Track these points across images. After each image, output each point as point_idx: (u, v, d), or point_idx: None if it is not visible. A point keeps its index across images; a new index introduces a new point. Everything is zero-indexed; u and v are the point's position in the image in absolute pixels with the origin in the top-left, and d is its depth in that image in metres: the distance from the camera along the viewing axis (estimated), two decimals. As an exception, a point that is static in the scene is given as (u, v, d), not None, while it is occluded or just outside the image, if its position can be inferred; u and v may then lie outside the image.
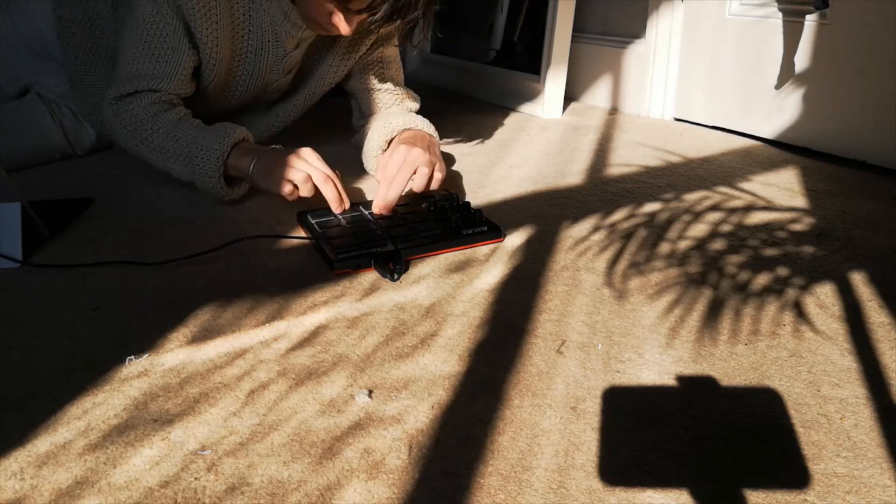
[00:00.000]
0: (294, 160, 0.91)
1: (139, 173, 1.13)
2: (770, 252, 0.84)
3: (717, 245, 0.86)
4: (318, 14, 0.95)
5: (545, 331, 0.66)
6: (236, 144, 0.95)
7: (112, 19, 1.14)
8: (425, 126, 1.07)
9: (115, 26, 1.13)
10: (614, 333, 0.65)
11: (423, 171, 0.92)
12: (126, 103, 0.99)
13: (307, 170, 0.90)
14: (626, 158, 1.28)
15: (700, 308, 0.70)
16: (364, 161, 1.13)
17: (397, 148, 0.92)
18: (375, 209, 0.90)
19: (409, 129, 1.05)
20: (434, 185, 0.94)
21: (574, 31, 1.66)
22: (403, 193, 0.91)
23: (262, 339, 0.64)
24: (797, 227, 0.92)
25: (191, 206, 0.99)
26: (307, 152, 0.92)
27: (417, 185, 0.92)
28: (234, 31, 1.01)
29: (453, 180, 1.14)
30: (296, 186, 0.91)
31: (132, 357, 0.60)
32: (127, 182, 1.10)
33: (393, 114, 1.10)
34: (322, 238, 0.82)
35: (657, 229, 0.91)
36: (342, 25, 0.94)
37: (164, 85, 0.99)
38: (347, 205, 0.92)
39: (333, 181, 0.90)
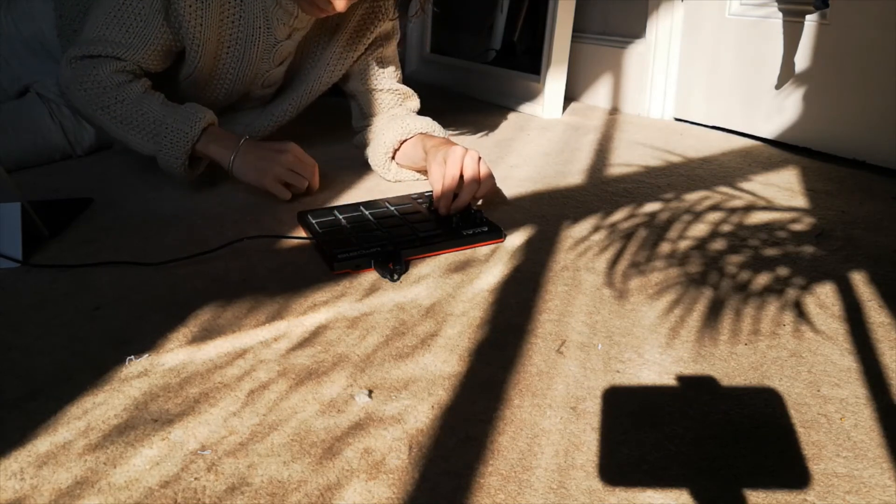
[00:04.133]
0: (287, 160, 0.96)
1: (139, 173, 1.13)
2: (770, 252, 0.84)
3: (718, 245, 0.86)
4: None
5: (545, 331, 0.66)
6: (205, 129, 0.97)
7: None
8: (441, 132, 1.07)
9: None
10: (614, 333, 0.65)
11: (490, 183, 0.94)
12: (89, 66, 0.97)
13: (305, 173, 0.96)
14: (627, 158, 1.28)
15: (700, 308, 0.70)
16: (371, 159, 1.13)
17: (453, 151, 0.92)
18: (443, 209, 0.90)
19: (425, 134, 1.05)
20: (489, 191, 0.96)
21: (574, 31, 1.66)
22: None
23: (263, 339, 0.64)
24: (797, 227, 0.92)
25: (191, 206, 0.99)
26: (296, 149, 0.98)
27: (483, 191, 0.93)
28: (223, 14, 1.00)
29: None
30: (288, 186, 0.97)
31: (132, 357, 0.60)
32: (127, 182, 1.10)
33: (403, 116, 1.10)
34: (322, 238, 0.82)
35: (657, 229, 0.91)
36: (338, 3, 0.92)
37: (129, 55, 0.98)
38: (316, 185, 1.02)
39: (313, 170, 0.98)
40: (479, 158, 0.92)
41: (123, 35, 0.97)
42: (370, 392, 0.56)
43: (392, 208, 0.93)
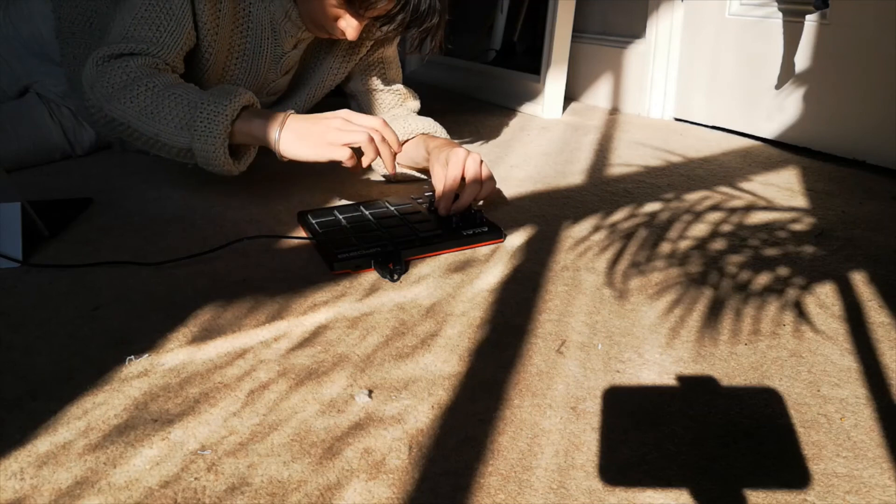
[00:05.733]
0: (341, 122, 0.83)
1: (139, 173, 1.13)
2: (770, 252, 0.84)
3: (718, 245, 0.86)
4: (324, 18, 0.94)
5: (545, 331, 0.66)
6: (245, 108, 0.87)
7: (111, 18, 1.14)
8: (443, 132, 1.07)
9: None
10: (614, 333, 0.65)
11: (490, 185, 0.94)
12: (118, 62, 0.90)
13: (366, 128, 0.82)
14: (627, 158, 1.28)
15: (700, 308, 0.70)
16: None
17: (455, 152, 0.92)
18: (443, 210, 0.89)
19: (427, 134, 1.05)
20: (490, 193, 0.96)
21: (574, 31, 1.66)
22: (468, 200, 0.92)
23: (263, 339, 0.64)
24: (797, 226, 0.92)
25: (191, 206, 0.99)
26: (349, 112, 0.85)
27: (484, 193, 0.93)
28: (235, 24, 1.00)
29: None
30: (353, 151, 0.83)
31: (132, 357, 0.60)
32: (127, 182, 1.10)
33: (405, 116, 1.10)
34: (322, 238, 0.82)
35: (658, 229, 0.91)
36: (350, 31, 0.93)
37: (161, 53, 0.92)
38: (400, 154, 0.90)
39: (387, 139, 0.85)
40: (482, 161, 0.92)
41: (155, 33, 0.91)
42: (370, 392, 0.56)
43: (392, 208, 0.93)
